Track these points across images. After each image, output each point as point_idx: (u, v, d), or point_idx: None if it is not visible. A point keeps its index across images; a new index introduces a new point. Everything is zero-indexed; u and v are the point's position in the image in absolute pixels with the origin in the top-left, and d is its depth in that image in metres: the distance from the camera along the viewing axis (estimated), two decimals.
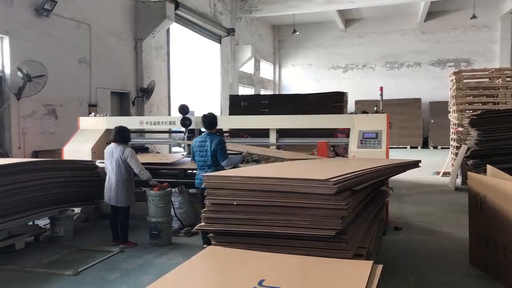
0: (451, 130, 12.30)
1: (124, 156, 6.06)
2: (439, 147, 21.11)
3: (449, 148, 15.09)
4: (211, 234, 3.64)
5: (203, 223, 3.64)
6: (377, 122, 6.87)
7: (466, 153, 10.14)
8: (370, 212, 4.33)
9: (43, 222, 6.95)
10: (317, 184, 3.21)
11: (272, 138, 7.44)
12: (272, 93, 24.63)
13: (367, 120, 6.96)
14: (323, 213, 3.24)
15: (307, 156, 6.73)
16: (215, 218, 3.56)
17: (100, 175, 7.39)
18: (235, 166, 5.95)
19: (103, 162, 7.43)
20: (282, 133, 7.54)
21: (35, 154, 8.91)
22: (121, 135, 6.18)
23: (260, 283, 2.46)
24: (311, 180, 3.23)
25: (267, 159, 7.07)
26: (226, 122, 8.28)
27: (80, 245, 6.22)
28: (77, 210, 7.42)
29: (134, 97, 12.30)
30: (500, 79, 11.14)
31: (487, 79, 11.94)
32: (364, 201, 4.09)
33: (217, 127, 6.10)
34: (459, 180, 10.81)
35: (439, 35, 23.68)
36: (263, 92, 23.37)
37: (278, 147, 7.59)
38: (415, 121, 22.06)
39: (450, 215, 7.83)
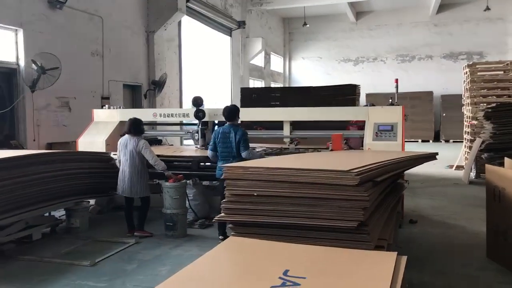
0: (465, 123, 12.19)
1: (138, 148, 6.11)
2: (451, 140, 20.95)
3: (461, 141, 15.00)
4: (230, 225, 3.65)
5: (222, 214, 3.64)
6: (393, 115, 6.80)
7: (480, 146, 10.07)
8: (389, 204, 4.30)
9: (58, 213, 7.00)
10: (339, 175, 3.19)
11: (286, 130, 7.40)
12: (282, 86, 24.55)
13: (382, 113, 6.89)
14: (345, 204, 3.22)
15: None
16: (235, 209, 3.56)
17: (115, 166, 7.43)
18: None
19: (116, 154, 7.51)
20: (294, 125, 7.50)
21: (49, 146, 8.96)
22: (135, 127, 6.24)
23: (285, 273, 2.45)
24: (334, 171, 3.21)
25: None
26: (241, 115, 8.22)
27: (95, 236, 6.26)
28: (91, 202, 7.46)
29: (146, 89, 12.31)
30: None
31: (502, 72, 11.82)
32: (383, 193, 4.07)
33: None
34: (472, 174, 10.72)
35: (451, 27, 23.42)
36: (273, 85, 23.31)
37: (292, 140, 7.56)
38: (426, 115, 21.87)
39: (464, 209, 7.78)
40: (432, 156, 5.46)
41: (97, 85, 10.43)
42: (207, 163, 8.08)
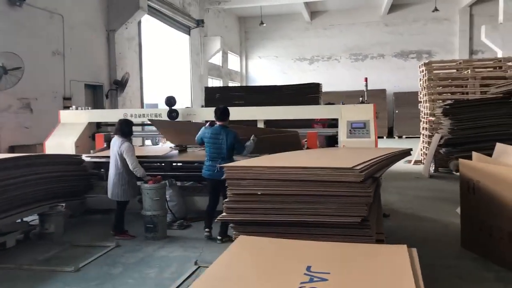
0: (422, 119, 12.70)
1: (121, 150, 6.00)
2: (404, 136, 21.76)
3: (414, 137, 15.66)
4: (231, 225, 3.67)
5: (224, 214, 3.66)
6: (365, 112, 7.03)
7: (439, 141, 10.54)
8: (376, 199, 4.46)
9: (29, 218, 6.73)
10: (344, 172, 3.28)
11: None
12: (240, 85, 24.61)
13: (355, 111, 7.10)
14: (348, 201, 3.33)
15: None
16: (237, 208, 3.59)
17: (86, 169, 7.26)
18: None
19: (88, 156, 7.33)
20: (266, 124, 7.55)
21: (11, 149, 8.60)
22: (123, 128, 6.16)
23: (308, 269, 2.51)
24: (338, 168, 3.31)
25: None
26: (209, 114, 8.14)
27: (72, 241, 6.07)
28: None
29: (107, 89, 12.02)
30: (469, 70, 11.60)
31: (455, 70, 12.42)
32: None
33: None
34: (431, 168, 11.20)
35: (401, 27, 24.30)
36: (231, 84, 23.32)
37: None
38: (380, 112, 22.45)
39: (431, 201, 8.13)
40: (407, 152, 5.70)
41: (59, 86, 10.10)
42: (179, 163, 8.09)
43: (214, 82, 21.43)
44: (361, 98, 7.65)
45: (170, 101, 7.54)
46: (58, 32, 10.08)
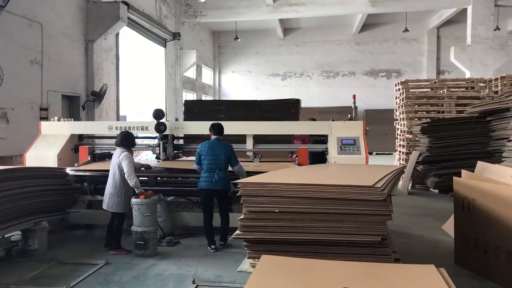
0: (399, 137, 12.94)
1: (120, 158, 5.96)
2: (374, 152, 22.12)
3: (384, 153, 15.90)
4: (245, 243, 3.59)
5: (238, 232, 3.57)
6: (354, 129, 7.09)
7: (418, 158, 10.77)
8: None
9: (9, 234, 6.40)
10: (365, 191, 3.27)
11: (249, 144, 7.43)
12: (212, 98, 24.53)
13: (344, 127, 7.15)
14: (368, 219, 3.31)
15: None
16: (253, 226, 3.51)
17: (70, 183, 6.99)
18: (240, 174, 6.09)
19: (73, 169, 7.09)
20: (242, 139, 7.51)
21: None
22: (123, 140, 6.14)
23: None
24: (359, 186, 3.29)
25: None
26: (197, 128, 8.00)
27: (58, 258, 5.80)
28: None
29: (84, 101, 11.71)
30: (445, 89, 11.94)
31: (429, 89, 12.77)
32: None
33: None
34: (409, 185, 11.40)
35: (372, 46, 24.88)
36: (204, 97, 23.20)
37: (255, 153, 7.59)
38: None
39: (415, 218, 8.22)
40: (403, 170, 5.77)
41: (36, 96, 9.75)
42: (164, 178, 7.91)
43: (188, 96, 21.27)
44: (349, 115, 7.72)
45: (158, 114, 7.40)
46: (37, 40, 9.78)
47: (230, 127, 7.55)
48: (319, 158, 7.80)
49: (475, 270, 5.22)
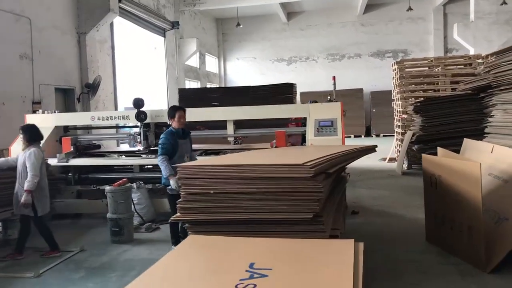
0: (395, 117, 12.80)
1: (25, 155, 5.54)
2: (381, 134, 21.92)
3: (391, 135, 15.83)
4: (186, 225, 3.63)
5: (178, 214, 3.62)
6: (332, 111, 7.05)
7: (411, 138, 10.64)
8: (337, 196, 4.47)
9: None
10: (294, 169, 3.27)
11: (230, 129, 7.44)
12: (218, 86, 24.55)
13: (322, 109, 7.11)
14: (300, 197, 3.32)
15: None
16: (191, 208, 3.55)
17: (53, 174, 7.15)
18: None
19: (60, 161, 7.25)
20: (238, 124, 7.56)
21: None
22: (31, 134, 5.76)
23: (251, 266, 2.49)
24: (289, 165, 3.29)
25: None
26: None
27: (36, 246, 5.95)
28: None
29: (79, 93, 11.86)
30: (440, 68, 11.73)
31: (427, 68, 12.56)
32: (332, 185, 4.22)
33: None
34: (405, 165, 11.30)
35: (377, 27, 24.51)
36: (209, 85, 23.24)
37: (236, 138, 7.62)
38: (357, 111, 22.61)
39: (401, 198, 8.19)
40: (372, 149, 5.72)
41: (27, 90, 9.90)
42: (149, 166, 8.03)
43: (192, 84, 21.34)
44: (329, 97, 7.67)
45: (138, 103, 7.45)
46: (25, 35, 9.90)
47: (212, 113, 7.64)
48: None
49: (443, 246, 5.19)
